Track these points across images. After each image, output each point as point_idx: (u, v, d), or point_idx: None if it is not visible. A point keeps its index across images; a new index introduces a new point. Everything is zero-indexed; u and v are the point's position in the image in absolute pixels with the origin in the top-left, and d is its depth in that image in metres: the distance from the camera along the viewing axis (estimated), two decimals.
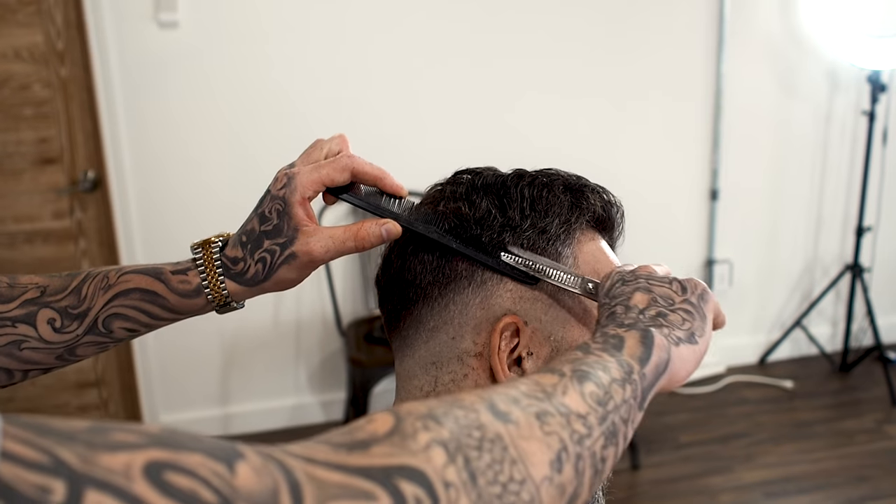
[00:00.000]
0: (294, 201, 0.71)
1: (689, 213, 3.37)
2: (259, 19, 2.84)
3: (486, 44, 3.02)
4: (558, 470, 0.46)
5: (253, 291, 0.74)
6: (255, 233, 0.73)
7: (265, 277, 0.73)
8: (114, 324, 0.74)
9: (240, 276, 0.73)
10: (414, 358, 0.73)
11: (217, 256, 0.74)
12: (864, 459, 2.90)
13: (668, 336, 0.58)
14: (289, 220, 0.71)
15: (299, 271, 0.72)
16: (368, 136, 3.00)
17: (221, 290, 0.74)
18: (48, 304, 0.74)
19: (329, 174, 0.72)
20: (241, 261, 0.73)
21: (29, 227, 2.89)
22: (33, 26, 2.72)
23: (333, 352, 3.17)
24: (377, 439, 0.41)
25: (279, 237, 0.72)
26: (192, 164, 2.91)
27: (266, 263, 0.72)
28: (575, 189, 0.73)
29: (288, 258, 0.71)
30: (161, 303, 0.74)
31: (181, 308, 0.75)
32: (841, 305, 3.60)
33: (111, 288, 0.74)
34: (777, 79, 3.32)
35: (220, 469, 0.34)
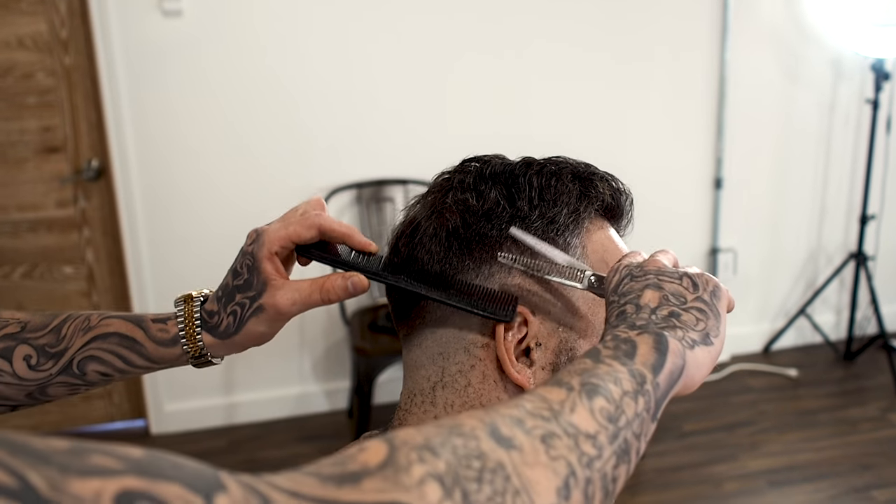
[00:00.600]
0: (262, 256, 0.73)
1: (694, 201, 3.37)
2: (263, 8, 2.83)
3: (490, 32, 3.01)
4: (566, 497, 0.44)
5: (227, 346, 0.75)
6: (228, 287, 0.75)
7: (235, 330, 0.74)
8: (88, 366, 0.75)
9: (215, 329, 0.75)
10: (421, 348, 0.72)
11: (198, 310, 0.76)
12: (868, 448, 2.91)
13: (682, 339, 0.56)
14: (258, 275, 0.73)
15: (268, 324, 0.73)
16: (372, 127, 2.99)
17: (197, 342, 0.75)
18: (27, 340, 0.75)
19: (296, 230, 0.73)
20: (217, 314, 0.75)
21: (33, 216, 2.88)
22: (37, 15, 2.72)
23: (338, 341, 3.17)
24: (369, 472, 0.38)
25: (249, 291, 0.73)
26: (196, 152, 2.91)
27: (236, 316, 0.74)
28: (584, 177, 0.73)
29: (256, 311, 0.73)
30: (138, 349, 0.75)
31: (156, 357, 0.76)
32: (845, 294, 3.60)
33: (91, 330, 0.75)
34: (781, 67, 3.31)
35: (198, 502, 0.32)
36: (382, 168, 3.02)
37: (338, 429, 3.11)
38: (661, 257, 0.65)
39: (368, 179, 3.01)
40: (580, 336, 0.69)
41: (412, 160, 3.02)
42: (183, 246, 2.97)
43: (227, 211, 2.97)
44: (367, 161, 3.01)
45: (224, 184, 2.94)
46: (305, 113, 2.93)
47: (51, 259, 2.94)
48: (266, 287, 0.72)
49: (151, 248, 2.94)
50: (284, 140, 2.95)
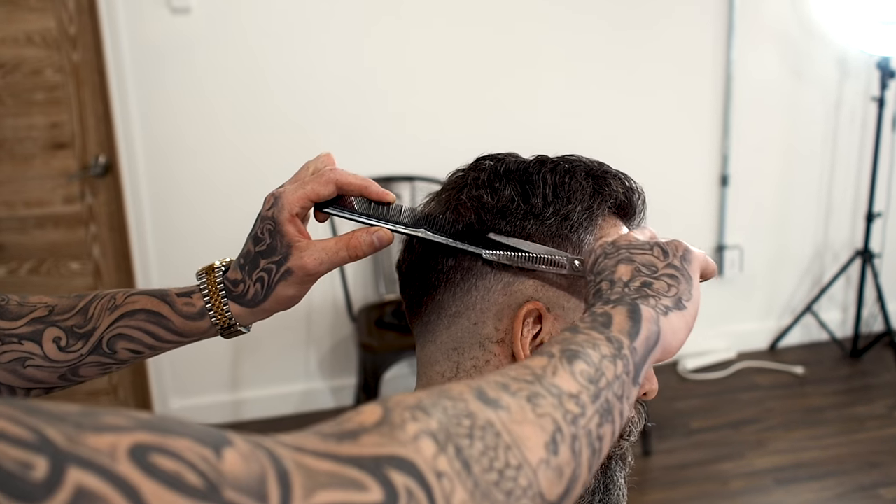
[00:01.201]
0: (283, 219, 0.72)
1: (700, 198, 3.37)
2: (271, 6, 2.83)
3: (498, 31, 3.01)
4: (554, 452, 0.45)
5: (255, 313, 0.75)
6: (251, 254, 0.74)
7: (264, 297, 0.74)
8: (118, 344, 0.75)
9: (241, 297, 0.75)
10: (436, 343, 0.72)
11: (220, 280, 0.76)
12: (875, 445, 2.90)
13: (655, 307, 0.57)
14: (281, 238, 0.73)
15: (297, 287, 0.74)
16: (379, 124, 3.00)
17: (225, 313, 0.75)
18: (55, 322, 0.75)
19: (314, 189, 0.73)
20: (241, 283, 0.75)
21: (40, 212, 2.89)
22: (46, 11, 2.72)
23: (344, 337, 3.18)
24: (366, 429, 0.40)
25: (274, 256, 0.73)
26: (203, 149, 2.91)
27: (264, 283, 0.74)
28: (597, 175, 0.73)
29: (284, 275, 0.73)
30: (165, 324, 0.75)
31: (185, 330, 0.76)
32: (851, 291, 3.60)
33: (117, 308, 0.75)
34: (787, 65, 3.31)
35: (207, 454, 0.33)
36: (389, 165, 3.02)
37: None
38: (634, 233, 0.66)
39: (375, 176, 3.01)
40: None
41: (419, 157, 3.02)
42: (189, 242, 2.97)
43: (233, 207, 2.97)
44: (374, 157, 3.01)
45: (230, 180, 2.94)
46: (312, 110, 2.93)
47: (57, 255, 2.94)
48: (291, 250, 0.72)
49: (158, 245, 2.95)
50: (291, 137, 2.95)
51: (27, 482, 0.29)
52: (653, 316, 0.56)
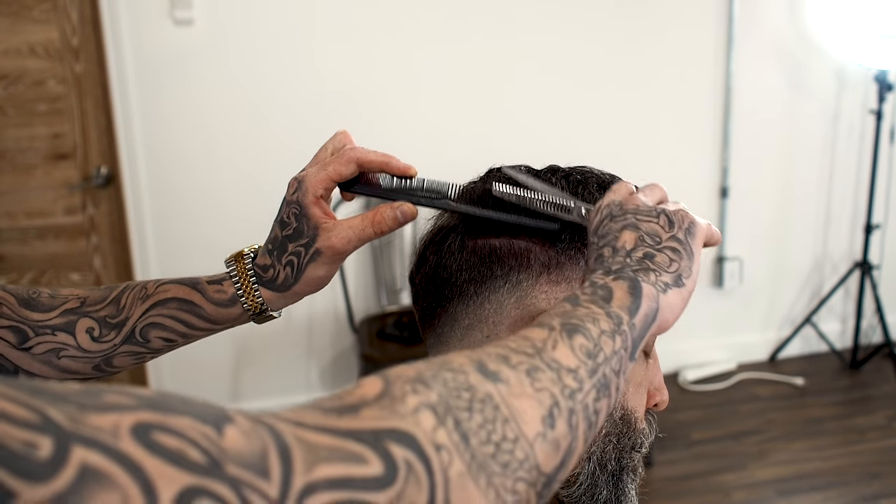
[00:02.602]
0: (308, 202, 0.74)
1: (700, 210, 3.35)
2: (274, 18, 2.84)
3: (500, 40, 3.02)
4: (551, 426, 0.46)
5: (286, 297, 0.76)
6: (278, 239, 0.75)
7: (295, 280, 0.75)
8: (151, 333, 0.76)
9: (272, 282, 0.76)
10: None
11: (250, 266, 0.77)
12: (875, 456, 2.91)
13: (655, 283, 0.57)
14: (307, 221, 0.74)
15: (327, 267, 0.74)
16: (383, 130, 3.00)
17: (257, 299, 0.76)
18: (87, 313, 0.76)
19: (336, 169, 0.74)
20: (271, 268, 0.75)
21: (41, 223, 2.88)
22: (49, 22, 2.72)
23: (345, 348, 3.17)
24: (366, 403, 0.41)
25: (301, 239, 0.74)
26: (205, 160, 2.91)
27: (294, 266, 0.75)
28: (608, 187, 0.73)
29: (313, 256, 0.74)
30: (198, 312, 0.76)
31: (217, 318, 0.77)
32: (850, 302, 3.61)
33: (149, 298, 0.76)
34: (785, 78, 3.33)
35: (209, 431, 0.34)
36: None
37: None
38: (642, 195, 0.65)
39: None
40: None
41: (422, 168, 3.01)
42: (191, 253, 2.97)
43: (235, 218, 2.97)
44: None
45: (233, 191, 2.95)
46: (313, 122, 2.94)
47: (58, 266, 2.93)
48: (318, 231, 0.73)
49: (159, 256, 2.94)
50: (293, 147, 2.95)
51: (32, 461, 0.29)
52: (653, 293, 0.56)
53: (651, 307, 0.56)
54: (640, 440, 0.75)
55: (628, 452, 0.73)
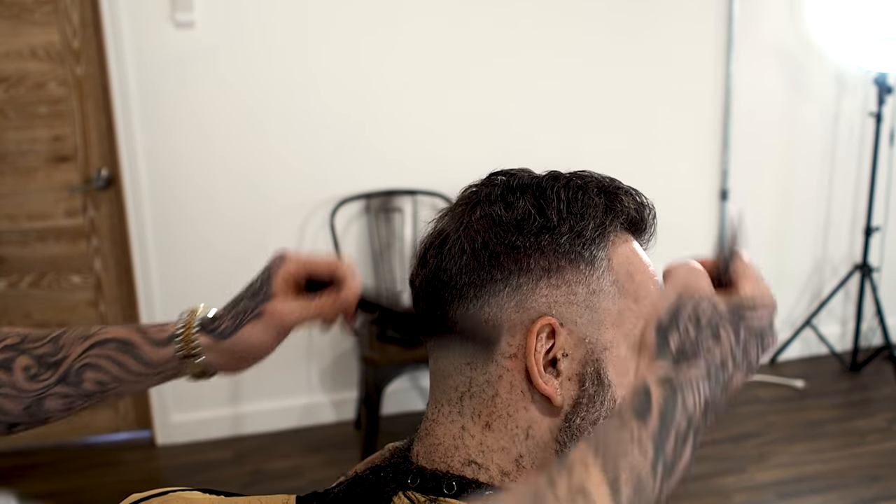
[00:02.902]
0: (277, 272, 0.77)
1: (700, 213, 3.38)
2: (274, 20, 2.84)
3: (500, 47, 3.03)
4: None
5: (222, 350, 0.76)
6: (239, 296, 0.79)
7: (232, 331, 0.76)
8: (85, 374, 0.75)
9: (213, 330, 0.77)
10: (448, 358, 0.73)
11: (201, 313, 0.78)
12: (875, 459, 2.91)
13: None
14: (268, 286, 0.77)
15: (266, 332, 0.76)
16: (381, 137, 3.01)
17: (192, 340, 0.76)
18: (27, 350, 0.75)
19: (315, 263, 0.78)
20: (220, 318, 0.78)
21: (41, 225, 2.89)
22: (50, 25, 2.73)
23: (345, 351, 3.17)
24: None
25: (255, 298, 0.77)
26: (206, 163, 2.92)
27: (237, 318, 0.77)
28: (609, 192, 0.74)
29: (257, 315, 0.76)
30: (134, 352, 0.76)
31: (153, 359, 0.76)
32: (850, 305, 3.61)
33: (90, 338, 0.76)
34: (785, 81, 3.34)
35: None
36: (391, 178, 3.03)
37: (345, 440, 3.10)
38: (761, 307, 0.63)
39: (377, 190, 3.02)
40: (605, 348, 0.70)
41: (421, 171, 3.03)
42: (191, 256, 2.97)
43: (235, 221, 2.97)
44: (376, 171, 3.02)
45: (233, 194, 2.95)
46: (314, 124, 2.95)
47: (59, 268, 2.94)
48: (271, 297, 0.76)
49: (160, 258, 2.95)
50: (294, 151, 2.96)
51: None
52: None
53: (673, 486, 0.57)
54: None
55: None
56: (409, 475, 0.72)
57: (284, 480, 2.82)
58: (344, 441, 3.09)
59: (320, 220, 3.01)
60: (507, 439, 0.69)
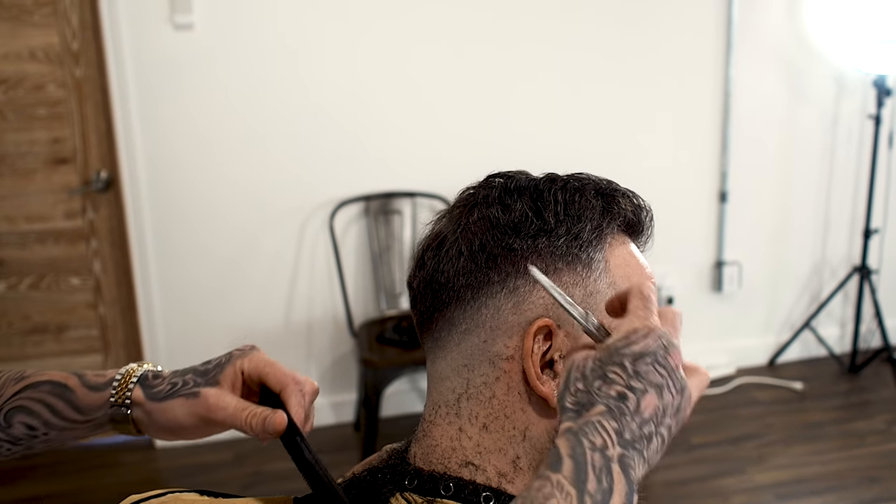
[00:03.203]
0: (236, 363, 0.74)
1: (699, 215, 3.38)
2: (274, 21, 2.85)
3: (499, 49, 3.03)
4: None
5: (149, 410, 0.74)
6: (190, 367, 0.76)
7: (164, 397, 0.74)
8: (15, 417, 0.73)
9: (149, 387, 0.75)
10: (446, 360, 0.73)
11: (146, 368, 0.77)
12: (874, 460, 2.91)
13: (637, 481, 0.57)
14: (218, 372, 0.74)
15: (190, 414, 0.73)
16: (380, 140, 3.01)
17: (127, 390, 0.74)
18: None
19: (273, 371, 0.74)
20: (161, 378, 0.75)
21: (41, 227, 2.89)
22: (49, 27, 2.73)
23: (345, 353, 3.18)
24: None
25: (201, 377, 0.74)
26: (206, 165, 2.92)
27: (174, 387, 0.74)
28: (606, 194, 0.74)
29: (191, 394, 0.73)
30: (67, 397, 0.74)
31: (85, 404, 0.74)
32: (849, 307, 3.61)
33: (24, 380, 0.75)
34: (785, 83, 3.34)
35: None
36: (391, 181, 3.03)
37: (344, 441, 3.10)
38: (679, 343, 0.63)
39: (376, 192, 3.03)
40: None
41: (420, 173, 3.04)
42: (190, 257, 2.98)
43: (234, 223, 2.98)
44: (376, 173, 3.02)
45: (232, 196, 2.95)
46: (314, 126, 2.95)
47: (58, 270, 2.94)
48: (214, 384, 0.73)
49: (159, 260, 2.95)
50: (293, 153, 2.96)
51: None
52: (635, 502, 0.57)
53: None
54: None
55: None
56: (406, 476, 0.72)
57: (284, 482, 2.82)
58: (343, 443, 3.09)
59: (319, 222, 3.02)
60: (505, 441, 0.70)
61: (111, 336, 3.04)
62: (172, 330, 3.02)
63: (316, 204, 3.00)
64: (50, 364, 3.00)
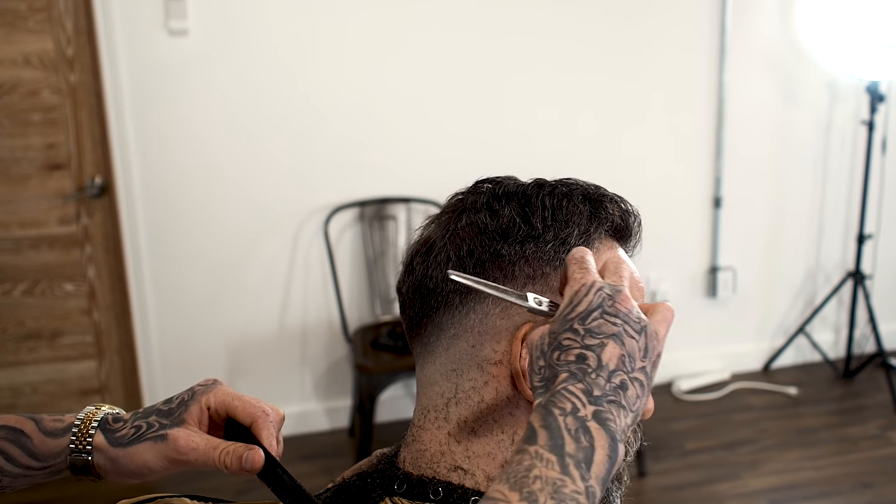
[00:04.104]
0: (200, 399, 0.74)
1: (693, 220, 3.39)
2: (268, 28, 2.85)
3: (494, 54, 3.04)
4: None
5: (111, 457, 0.73)
6: (153, 407, 0.75)
7: (128, 443, 0.72)
8: None
9: (111, 432, 0.73)
10: (435, 365, 0.73)
11: (105, 411, 0.75)
12: (868, 466, 2.91)
13: (623, 431, 0.57)
14: (183, 411, 0.73)
15: (159, 457, 0.72)
16: (375, 145, 3.01)
17: (88, 435, 0.73)
18: None
19: (239, 405, 0.74)
20: (122, 422, 0.74)
21: (35, 233, 2.89)
22: (44, 33, 2.73)
23: (339, 358, 3.17)
24: None
25: (165, 418, 0.73)
26: (200, 171, 2.92)
27: (138, 430, 0.73)
28: (594, 199, 0.74)
29: (159, 437, 0.72)
30: (23, 442, 0.73)
31: (41, 451, 0.73)
32: (843, 312, 3.62)
33: None
34: (778, 89, 3.35)
35: None
36: (385, 186, 3.04)
37: (339, 447, 3.10)
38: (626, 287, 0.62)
39: (371, 197, 3.03)
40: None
41: (415, 179, 3.04)
42: (185, 263, 2.97)
43: (229, 228, 2.98)
44: (371, 179, 3.02)
45: (227, 201, 2.95)
46: (309, 132, 2.95)
47: (52, 276, 2.93)
48: (181, 424, 0.72)
49: (153, 266, 2.95)
50: (288, 158, 2.96)
51: None
52: (622, 453, 0.57)
53: (614, 469, 0.56)
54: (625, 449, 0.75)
55: None
56: (395, 481, 0.72)
57: None
58: (338, 449, 3.09)
59: (314, 227, 3.02)
60: (493, 445, 0.70)
61: (105, 342, 3.03)
62: (167, 335, 3.01)
63: (310, 209, 3.01)
64: (45, 370, 3.00)
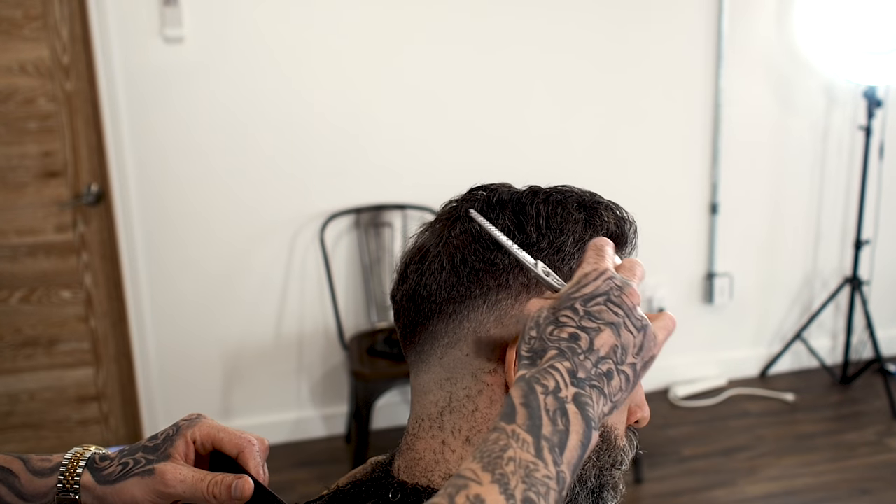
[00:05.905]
0: (185, 433, 0.75)
1: (690, 226, 3.39)
2: (264, 35, 2.85)
3: (490, 61, 3.04)
4: None
5: (98, 495, 0.73)
6: (138, 444, 0.76)
7: (115, 480, 0.73)
8: None
9: (99, 471, 0.74)
10: (429, 373, 0.73)
11: (93, 451, 0.76)
12: (865, 472, 2.91)
13: (598, 418, 0.57)
14: (169, 446, 0.74)
15: (147, 492, 0.73)
16: (371, 152, 3.01)
17: (75, 474, 0.74)
18: None
19: (225, 437, 0.75)
20: (109, 461, 0.75)
21: (31, 241, 2.88)
22: (39, 41, 2.73)
23: (336, 365, 3.17)
24: None
25: (151, 454, 0.74)
26: (196, 178, 2.92)
27: (125, 467, 0.74)
28: (589, 206, 0.74)
29: (145, 472, 0.73)
30: (10, 482, 0.73)
31: (29, 491, 0.74)
32: (840, 318, 3.62)
33: None
34: (775, 94, 3.35)
35: None
36: (381, 193, 3.03)
37: (335, 454, 3.09)
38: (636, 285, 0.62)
39: (367, 204, 3.03)
40: None
41: (411, 186, 3.04)
42: (181, 270, 2.97)
43: (225, 235, 2.97)
44: (366, 186, 3.02)
45: (223, 209, 2.95)
46: (305, 138, 2.95)
47: (49, 283, 2.93)
48: (168, 458, 0.73)
49: (150, 273, 2.94)
50: (284, 165, 2.96)
51: None
52: (594, 441, 0.56)
53: (585, 455, 0.56)
54: (620, 457, 0.75)
55: (608, 469, 0.74)
56: (390, 489, 0.72)
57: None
58: (334, 455, 3.08)
59: (310, 234, 3.02)
60: None
61: (102, 349, 3.03)
62: (163, 342, 3.01)
63: (306, 216, 3.00)
64: (42, 377, 2.99)
